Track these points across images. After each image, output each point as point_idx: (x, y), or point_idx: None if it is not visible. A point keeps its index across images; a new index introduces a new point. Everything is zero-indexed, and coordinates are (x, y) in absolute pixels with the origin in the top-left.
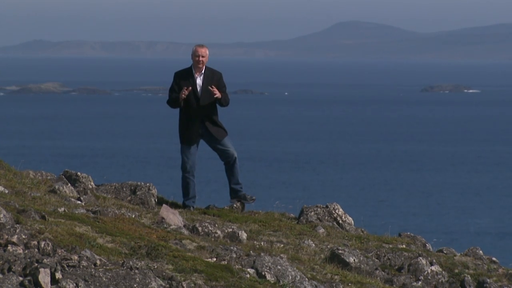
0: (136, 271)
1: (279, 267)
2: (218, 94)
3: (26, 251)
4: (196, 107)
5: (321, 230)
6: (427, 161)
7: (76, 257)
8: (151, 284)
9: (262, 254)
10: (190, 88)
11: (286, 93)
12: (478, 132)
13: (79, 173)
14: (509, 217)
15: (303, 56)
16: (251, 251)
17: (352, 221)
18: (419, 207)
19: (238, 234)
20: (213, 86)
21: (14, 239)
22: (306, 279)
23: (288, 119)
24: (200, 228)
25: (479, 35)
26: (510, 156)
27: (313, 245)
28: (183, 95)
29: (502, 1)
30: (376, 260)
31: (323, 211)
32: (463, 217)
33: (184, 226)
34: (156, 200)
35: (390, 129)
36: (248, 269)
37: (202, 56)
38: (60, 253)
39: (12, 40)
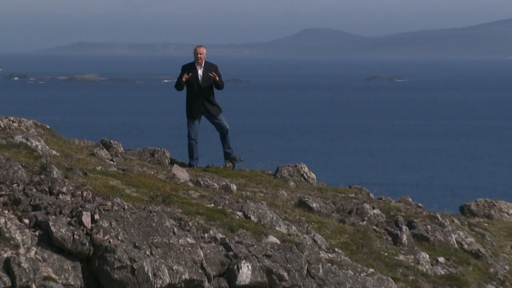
0: (154, 213)
1: (260, 211)
2: (214, 76)
3: (73, 199)
4: (198, 91)
5: (292, 183)
6: (372, 132)
7: (109, 203)
8: (165, 223)
9: (247, 201)
10: (191, 74)
11: (264, 81)
12: (408, 110)
13: (112, 141)
14: (432, 173)
15: (278, 55)
16: (239, 199)
17: (315, 177)
18: (365, 166)
19: (230, 186)
20: (213, 73)
21: (64, 189)
22: (281, 219)
23: (267, 101)
24: (202, 182)
25: (409, 38)
26: (435, 128)
27: (286, 194)
28: (184, 79)
29: (425, 11)
30: (333, 205)
31: (293, 169)
32: (398, 172)
33: (190, 180)
34: (169, 161)
35: (343, 107)
36: (238, 212)
37: (201, 54)
38: (98, 200)
39: (63, 41)
